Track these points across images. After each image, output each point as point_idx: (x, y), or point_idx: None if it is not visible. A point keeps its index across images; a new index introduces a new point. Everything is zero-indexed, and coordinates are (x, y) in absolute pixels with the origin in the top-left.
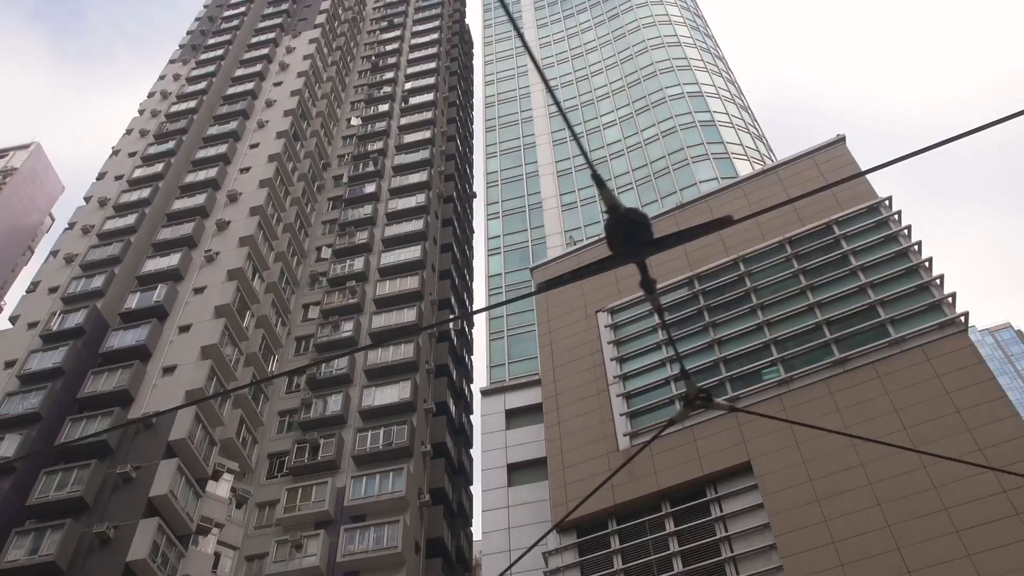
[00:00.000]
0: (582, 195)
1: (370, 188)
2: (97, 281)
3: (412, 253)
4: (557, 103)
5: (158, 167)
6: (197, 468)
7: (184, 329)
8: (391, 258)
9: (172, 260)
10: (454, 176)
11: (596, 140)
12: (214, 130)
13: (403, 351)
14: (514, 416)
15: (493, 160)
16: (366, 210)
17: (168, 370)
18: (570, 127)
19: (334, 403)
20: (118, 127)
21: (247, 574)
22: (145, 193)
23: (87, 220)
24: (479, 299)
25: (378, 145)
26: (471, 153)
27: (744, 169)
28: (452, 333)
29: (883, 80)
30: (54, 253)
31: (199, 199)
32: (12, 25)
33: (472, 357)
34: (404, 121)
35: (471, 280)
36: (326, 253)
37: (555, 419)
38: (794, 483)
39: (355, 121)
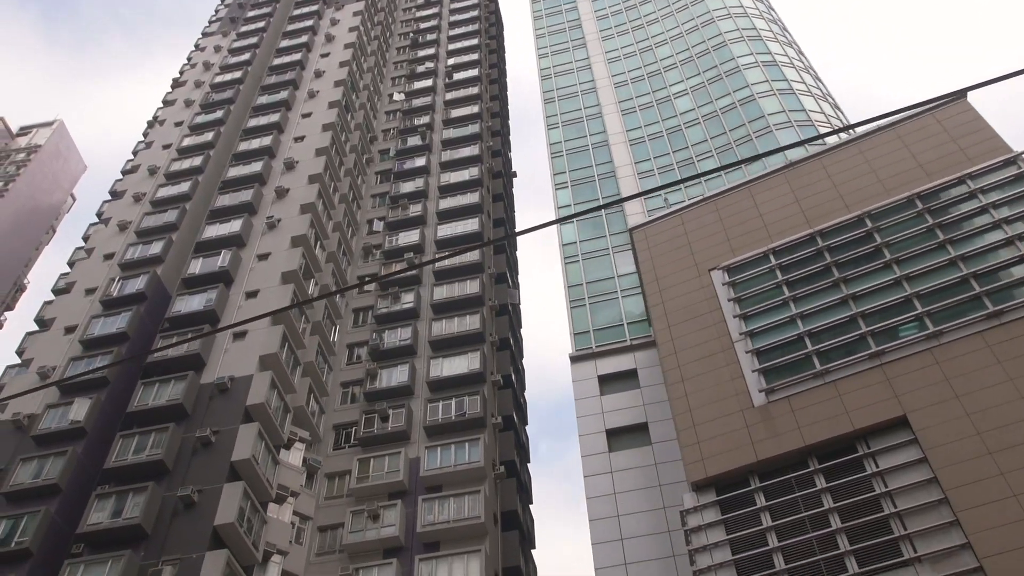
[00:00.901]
0: (658, 163)
1: (420, 162)
2: (155, 247)
3: (469, 226)
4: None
5: (208, 136)
6: (274, 434)
7: (251, 295)
8: (447, 230)
9: (233, 226)
10: (500, 152)
11: (667, 109)
12: (263, 99)
13: (468, 322)
14: (606, 382)
15: (555, 131)
16: (418, 183)
17: (239, 335)
18: None
19: (400, 374)
20: (116, 113)
21: (320, 544)
22: (197, 161)
23: (137, 188)
24: (530, 270)
25: (424, 119)
26: (509, 133)
27: (830, 137)
28: (509, 308)
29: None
30: (105, 221)
31: (255, 166)
32: (1, 10)
33: (522, 331)
34: (450, 96)
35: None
36: (378, 226)
37: (678, 377)
38: (960, 436)
39: (398, 96)
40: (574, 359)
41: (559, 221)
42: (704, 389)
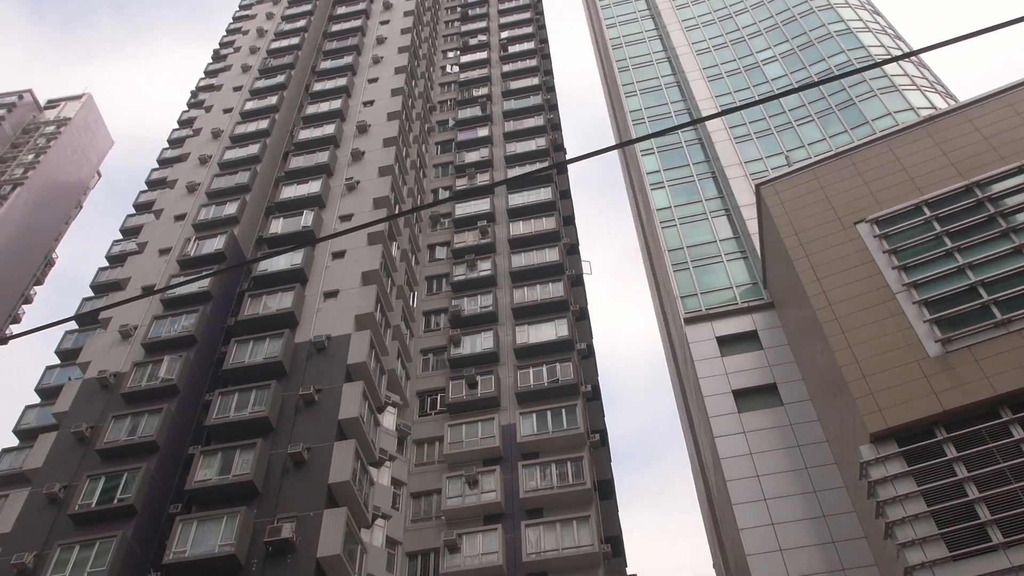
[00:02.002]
0: (754, 128)
1: (482, 132)
2: (230, 208)
3: (542, 195)
4: None
5: (271, 99)
6: (373, 396)
7: (338, 255)
8: (519, 199)
9: (312, 187)
10: (558, 125)
11: (757, 75)
12: (327, 64)
13: (551, 289)
14: (725, 343)
15: (633, 99)
16: (483, 153)
17: (330, 294)
18: None
19: (484, 340)
20: (114, 98)
21: (415, 511)
22: (263, 124)
23: (202, 151)
24: (597, 247)
25: (483, 91)
26: (557, 107)
27: (938, 102)
28: (583, 278)
29: None
30: (171, 183)
31: (327, 129)
32: None
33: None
34: (507, 68)
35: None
36: (443, 195)
37: (837, 329)
38: None
39: (452, 67)
40: (688, 320)
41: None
42: (868, 341)
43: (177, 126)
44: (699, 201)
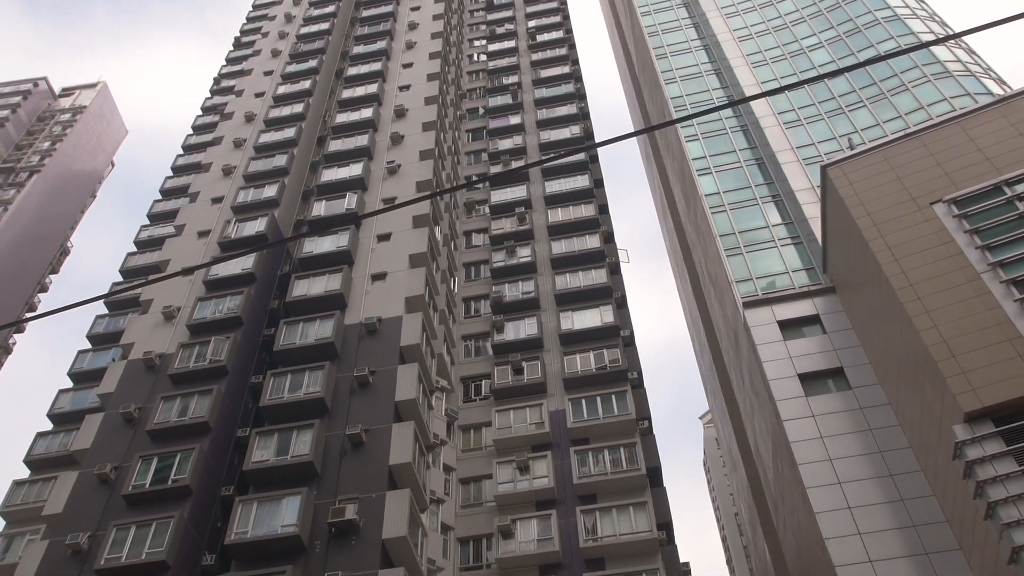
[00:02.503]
0: (803, 113)
1: (515, 120)
2: (269, 191)
3: (579, 182)
4: None
5: (304, 84)
6: (426, 378)
7: (384, 238)
8: (556, 187)
9: (353, 170)
10: (587, 114)
11: (802, 62)
12: (360, 49)
13: (594, 276)
14: (786, 327)
15: (673, 86)
16: (516, 140)
17: (378, 277)
18: None
19: (528, 326)
20: (113, 88)
21: (464, 496)
22: (298, 108)
23: (236, 134)
24: (630, 230)
25: (512, 79)
26: (586, 96)
27: (993, 88)
28: (620, 266)
29: None
30: (206, 166)
31: (365, 113)
32: None
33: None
34: (536, 57)
35: None
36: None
37: (920, 309)
38: None
39: (480, 56)
40: (747, 304)
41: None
42: (954, 320)
43: (201, 112)
44: (748, 187)
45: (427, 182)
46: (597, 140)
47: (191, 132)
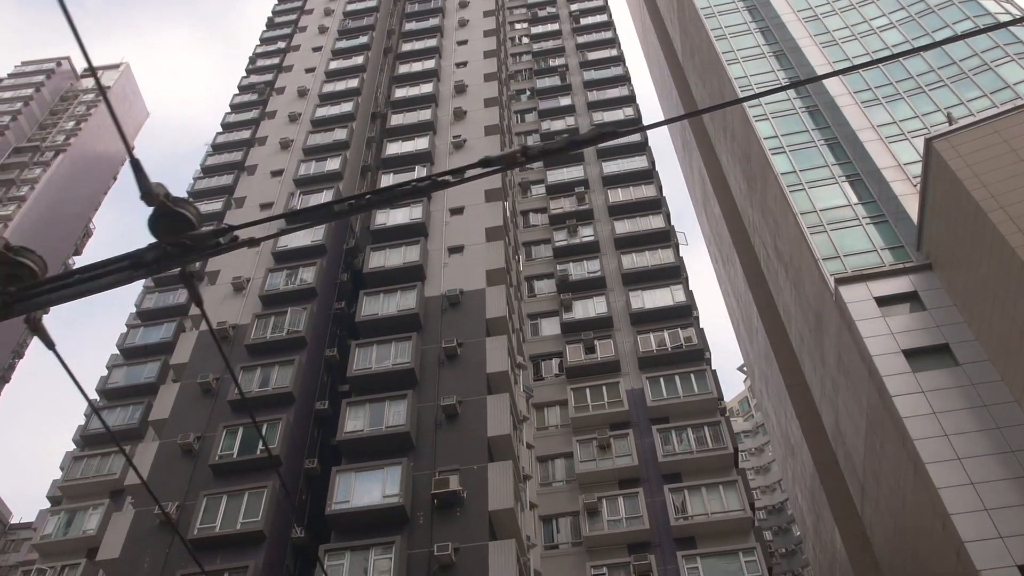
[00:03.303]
0: (881, 92)
1: (564, 101)
2: (332, 164)
3: (638, 163)
4: None
5: (357, 59)
6: (511, 352)
7: (456, 211)
8: (614, 167)
9: (419, 144)
10: (634, 97)
11: (873, 42)
12: (412, 25)
13: (661, 256)
14: (884, 304)
15: (735, 66)
16: (568, 121)
17: (455, 250)
18: None
19: (598, 305)
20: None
21: (543, 475)
22: (353, 83)
23: (290, 108)
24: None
25: (559, 61)
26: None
27: None
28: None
29: None
30: (260, 140)
31: (425, 88)
32: None
33: None
34: (581, 40)
35: None
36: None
37: None
38: None
39: (520, 40)
40: (841, 281)
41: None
42: None
43: (238, 91)
44: (825, 166)
45: (496, 158)
46: (642, 124)
47: (229, 111)
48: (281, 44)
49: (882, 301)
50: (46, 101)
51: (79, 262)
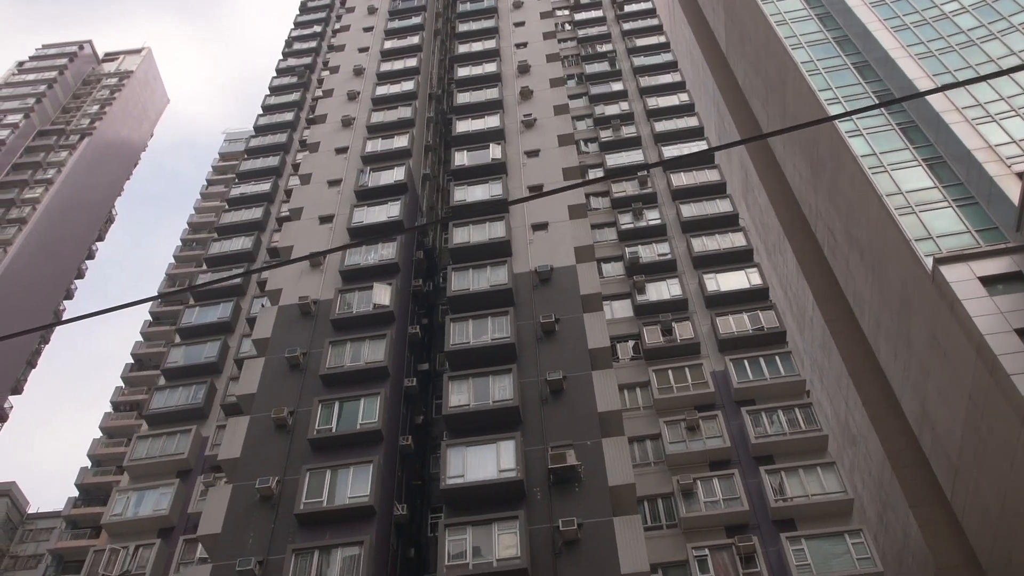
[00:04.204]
0: (961, 76)
1: (616, 87)
2: (400, 141)
3: (699, 147)
4: None
5: (413, 39)
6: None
7: (534, 189)
8: (674, 151)
9: (489, 122)
10: (684, 83)
11: (946, 27)
12: (467, 7)
13: (732, 239)
14: (988, 283)
15: (800, 51)
16: (622, 106)
17: (539, 226)
18: None
19: (672, 287)
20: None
21: (631, 456)
22: (411, 62)
23: (347, 87)
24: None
25: (606, 47)
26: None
27: None
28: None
29: None
30: (320, 117)
31: (488, 67)
32: None
33: None
34: (627, 26)
35: None
36: (586, 147)
37: None
38: None
39: (563, 26)
40: (940, 261)
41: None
42: None
43: (276, 73)
44: (904, 148)
45: (568, 135)
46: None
47: (268, 92)
48: (317, 28)
49: (986, 281)
50: (69, 84)
51: (102, 248)
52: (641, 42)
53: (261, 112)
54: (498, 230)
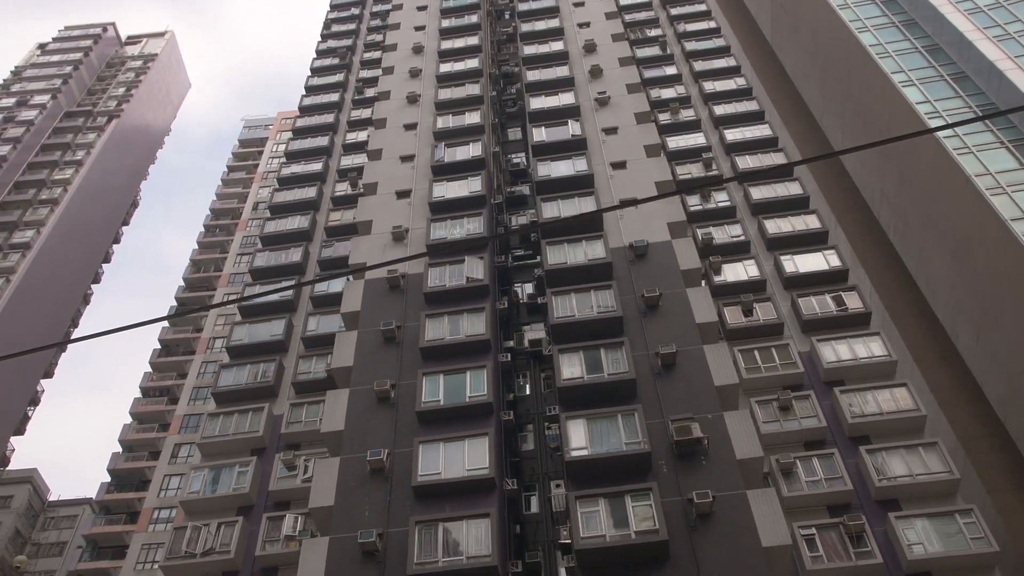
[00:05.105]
0: None
1: (670, 71)
2: (472, 118)
3: (761, 131)
4: None
5: (472, 18)
6: None
7: (618, 166)
8: (736, 135)
9: (563, 99)
10: (739, 67)
11: (1021, 9)
12: None
13: (806, 221)
14: None
15: (866, 35)
16: (679, 90)
17: (627, 202)
18: None
19: (749, 268)
20: None
21: None
22: (473, 40)
23: (407, 64)
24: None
25: (656, 32)
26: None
27: None
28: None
29: None
30: (383, 94)
31: (555, 46)
32: None
33: None
34: (675, 11)
35: None
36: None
37: None
38: None
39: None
40: None
41: None
42: None
43: (316, 55)
44: (987, 130)
45: (645, 113)
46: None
47: (310, 73)
48: (355, 10)
49: None
50: (94, 67)
51: (127, 232)
52: (691, 27)
53: (304, 93)
54: (588, 204)
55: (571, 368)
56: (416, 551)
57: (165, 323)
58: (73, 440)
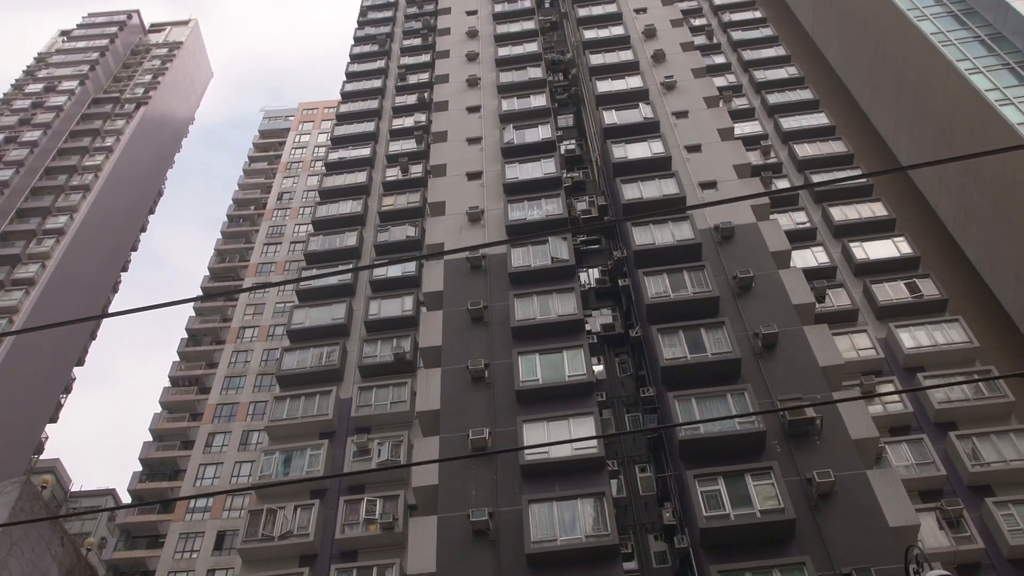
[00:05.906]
0: None
1: (718, 60)
2: (537, 100)
3: (817, 119)
4: None
5: (525, 3)
6: None
7: (693, 149)
8: (793, 123)
9: (630, 83)
10: (789, 56)
11: None
12: None
13: (871, 209)
14: None
15: (926, 23)
16: (729, 79)
17: (706, 185)
18: None
19: (818, 255)
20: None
21: None
22: (529, 24)
23: (463, 48)
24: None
25: (701, 21)
26: None
27: None
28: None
29: None
30: (441, 78)
31: (615, 31)
32: None
33: None
34: (719, 2)
35: None
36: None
37: None
38: None
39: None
40: None
41: None
42: None
43: (354, 41)
44: None
45: (714, 97)
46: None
47: (350, 60)
48: None
49: None
50: (119, 54)
51: (152, 221)
52: (736, 17)
53: (346, 79)
54: (670, 186)
55: (671, 348)
56: (532, 530)
57: (192, 312)
58: (101, 429)
